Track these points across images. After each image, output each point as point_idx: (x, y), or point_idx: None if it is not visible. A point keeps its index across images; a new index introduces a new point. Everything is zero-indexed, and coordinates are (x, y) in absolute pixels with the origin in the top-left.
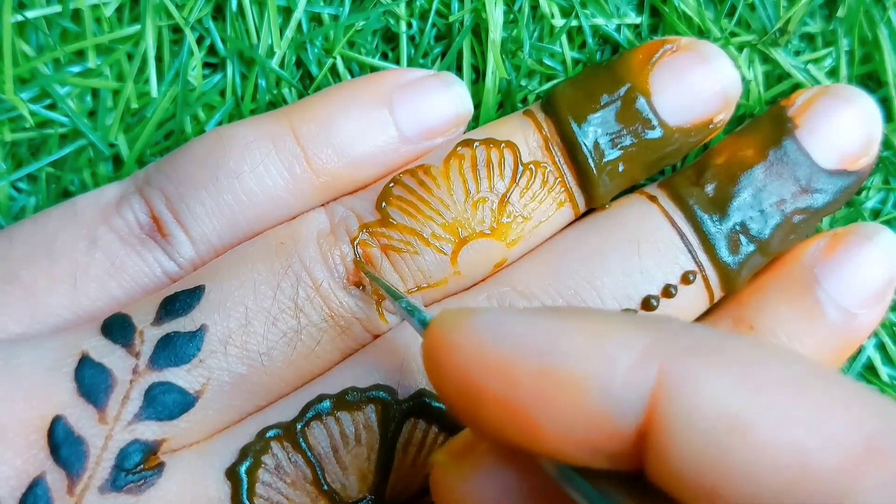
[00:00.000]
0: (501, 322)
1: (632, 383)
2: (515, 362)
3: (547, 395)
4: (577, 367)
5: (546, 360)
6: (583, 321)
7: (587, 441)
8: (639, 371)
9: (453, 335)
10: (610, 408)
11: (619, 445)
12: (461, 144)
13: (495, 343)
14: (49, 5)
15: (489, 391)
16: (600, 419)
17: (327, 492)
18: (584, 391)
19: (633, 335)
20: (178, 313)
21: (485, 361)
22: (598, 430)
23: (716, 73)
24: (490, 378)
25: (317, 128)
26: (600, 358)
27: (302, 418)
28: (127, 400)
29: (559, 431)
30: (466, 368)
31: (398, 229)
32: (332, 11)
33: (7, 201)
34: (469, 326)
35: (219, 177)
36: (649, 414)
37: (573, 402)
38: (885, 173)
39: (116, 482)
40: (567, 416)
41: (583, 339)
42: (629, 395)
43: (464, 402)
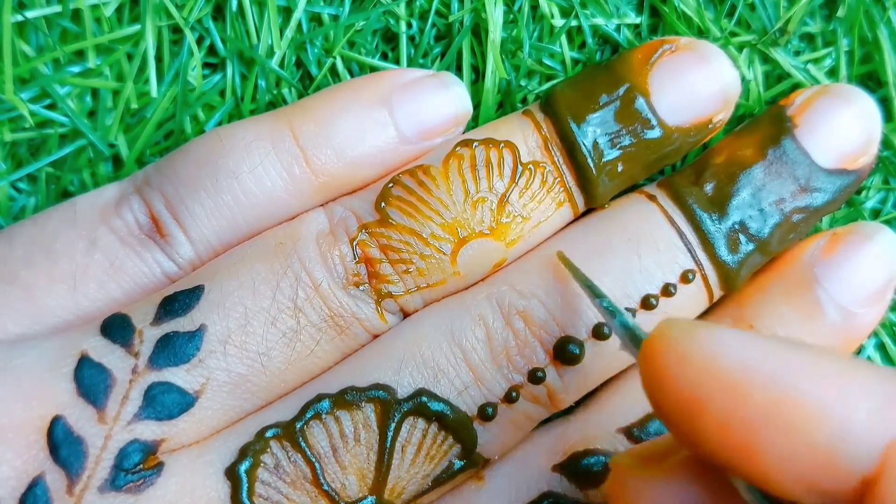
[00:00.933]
0: (736, 341)
1: (870, 430)
2: (748, 384)
3: (777, 424)
4: (814, 401)
5: (781, 388)
6: (822, 357)
7: (807, 477)
8: (879, 419)
9: (682, 345)
10: (842, 449)
11: (839, 487)
12: (460, 144)
13: (729, 361)
14: (49, 5)
15: (716, 408)
16: (828, 458)
17: (327, 491)
18: (819, 425)
19: (875, 380)
20: (178, 313)
21: (715, 378)
22: (823, 468)
23: (715, 73)
24: (718, 395)
25: (316, 128)
26: (842, 395)
27: (301, 418)
28: (126, 400)
29: (781, 462)
30: (693, 381)
31: (397, 229)
32: (331, 11)
33: (7, 201)
34: (701, 339)
35: (218, 177)
36: (882, 465)
37: (803, 436)
38: (885, 173)
39: (116, 482)
40: (793, 448)
41: (822, 374)
42: (865, 441)
43: (682, 415)
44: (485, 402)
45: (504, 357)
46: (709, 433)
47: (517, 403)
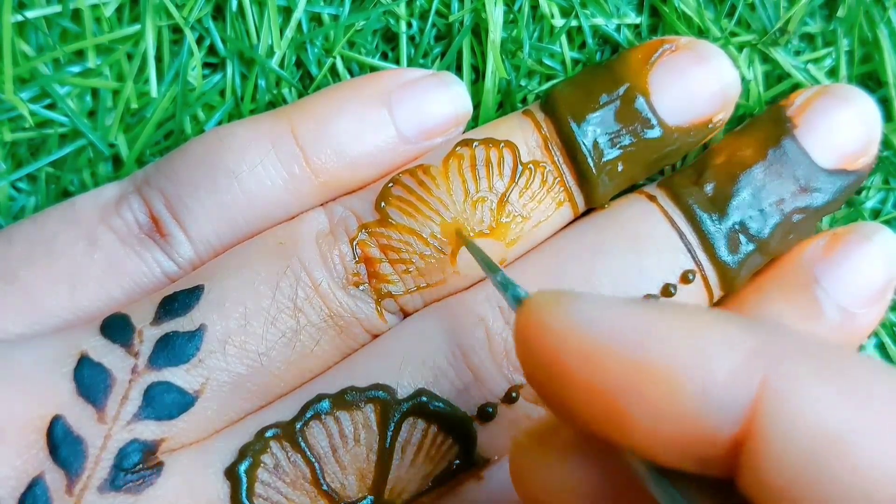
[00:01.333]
0: (598, 308)
1: (733, 387)
2: (610, 350)
3: (640, 388)
4: (675, 363)
5: (643, 352)
6: (683, 316)
7: (678, 441)
8: (741, 375)
9: (547, 315)
10: (707, 410)
11: (711, 449)
12: (460, 144)
13: (591, 328)
14: (49, 5)
15: (580, 377)
16: (695, 420)
17: (326, 491)
18: (681, 389)
19: (737, 336)
20: (177, 313)
21: (578, 346)
22: (691, 430)
23: (715, 73)
24: (582, 363)
25: (316, 128)
26: (701, 356)
27: (301, 418)
28: (126, 400)
29: (649, 427)
30: (558, 351)
31: (397, 229)
32: (332, 11)
33: (7, 201)
34: (564, 309)
35: (218, 177)
36: (748, 422)
37: (667, 399)
38: (885, 173)
39: (115, 482)
40: (659, 411)
41: (683, 334)
42: (729, 400)
43: (552, 386)
44: (485, 403)
45: (504, 357)
46: (576, 404)
47: (517, 404)
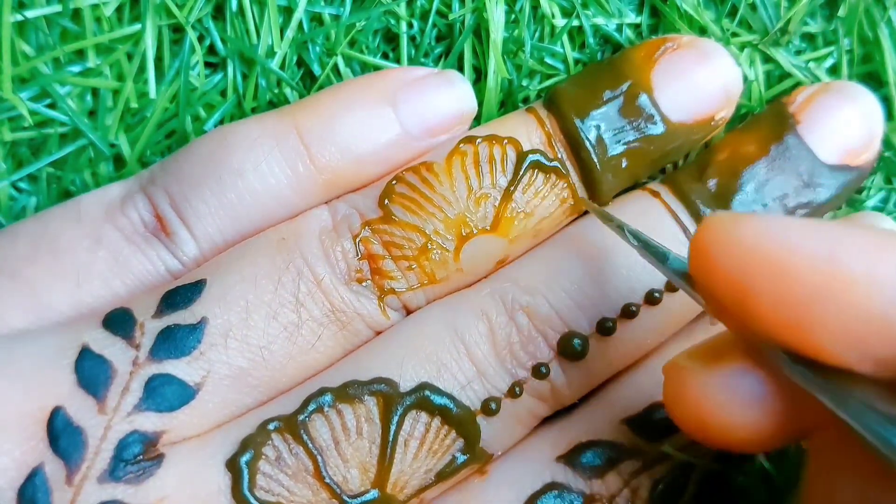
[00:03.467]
0: (782, 224)
1: None
2: (796, 264)
3: (827, 295)
4: (862, 273)
5: (830, 265)
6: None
7: (862, 347)
8: None
9: (732, 232)
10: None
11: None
12: (464, 141)
13: (777, 242)
14: (49, 5)
15: (769, 288)
16: (882, 326)
17: (329, 484)
18: (870, 297)
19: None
20: (179, 306)
21: (764, 259)
22: (877, 336)
23: (717, 70)
24: (768, 275)
25: (320, 125)
26: (886, 263)
27: (303, 410)
28: (126, 391)
29: (835, 335)
30: (742, 267)
31: (401, 226)
32: (332, 11)
33: (8, 201)
34: (745, 226)
35: (222, 175)
36: None
37: (856, 308)
38: (887, 172)
39: (115, 472)
40: (847, 321)
41: (868, 247)
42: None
43: (734, 299)
44: (488, 397)
45: (507, 352)
46: (761, 314)
47: (521, 399)
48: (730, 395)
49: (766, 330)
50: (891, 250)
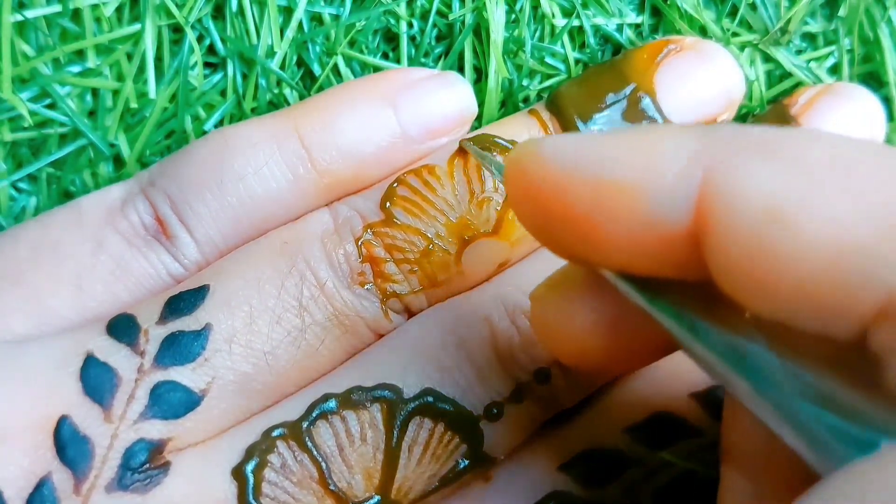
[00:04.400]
0: (564, 141)
1: (679, 185)
2: (575, 178)
3: (602, 206)
4: (627, 176)
5: (599, 173)
6: (637, 134)
7: (645, 247)
8: (686, 173)
9: (523, 161)
10: (659, 212)
11: (677, 250)
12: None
13: (558, 162)
14: (49, 5)
15: (555, 208)
16: (652, 224)
17: (333, 490)
18: (635, 198)
19: (682, 141)
20: (183, 312)
21: (552, 178)
22: (652, 235)
23: (719, 73)
24: (556, 196)
25: (321, 128)
26: (649, 166)
27: (307, 417)
28: (132, 399)
29: (618, 241)
30: (536, 189)
31: (402, 229)
32: (332, 11)
33: (7, 201)
34: (536, 151)
35: (223, 179)
36: (699, 213)
37: (625, 210)
38: None
39: (123, 481)
40: (622, 224)
41: (633, 150)
42: (676, 198)
43: (538, 224)
44: (491, 402)
45: (510, 356)
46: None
47: (523, 403)
48: (578, 319)
49: (570, 252)
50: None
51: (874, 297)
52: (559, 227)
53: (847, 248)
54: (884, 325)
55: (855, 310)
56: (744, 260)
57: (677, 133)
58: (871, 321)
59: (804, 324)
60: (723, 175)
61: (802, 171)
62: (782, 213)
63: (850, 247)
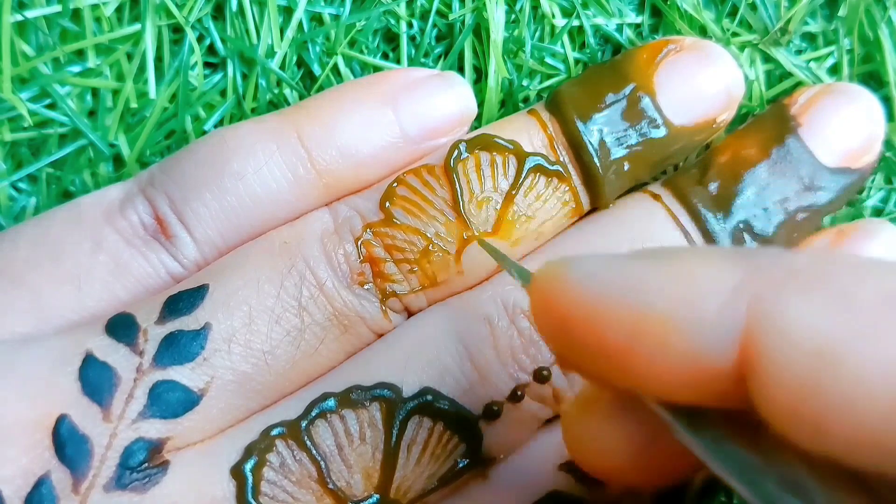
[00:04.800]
0: (594, 265)
1: (723, 319)
2: (607, 304)
3: (640, 338)
4: (665, 307)
5: (635, 302)
6: (675, 259)
7: (686, 380)
8: (730, 306)
9: (553, 282)
10: (702, 346)
11: (720, 383)
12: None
13: (588, 287)
14: (49, 5)
15: (587, 335)
16: (694, 357)
17: (332, 490)
18: (676, 332)
19: (724, 270)
20: (182, 312)
21: (582, 304)
22: (693, 368)
23: (719, 73)
24: (586, 322)
25: (321, 129)
26: (689, 296)
27: (306, 416)
28: (131, 398)
29: (656, 371)
30: (565, 314)
31: (402, 229)
32: (332, 11)
33: (7, 201)
34: (566, 273)
35: (222, 179)
36: (744, 349)
37: (666, 340)
38: (887, 172)
39: (121, 480)
40: (660, 355)
41: (671, 278)
42: (721, 332)
43: (568, 350)
44: (490, 402)
45: (509, 356)
46: (591, 360)
47: (523, 403)
48: (608, 441)
49: (604, 379)
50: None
51: None
52: (592, 354)
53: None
54: None
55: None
56: (794, 400)
57: (719, 260)
58: None
59: (858, 463)
60: (769, 310)
61: (853, 308)
62: (833, 353)
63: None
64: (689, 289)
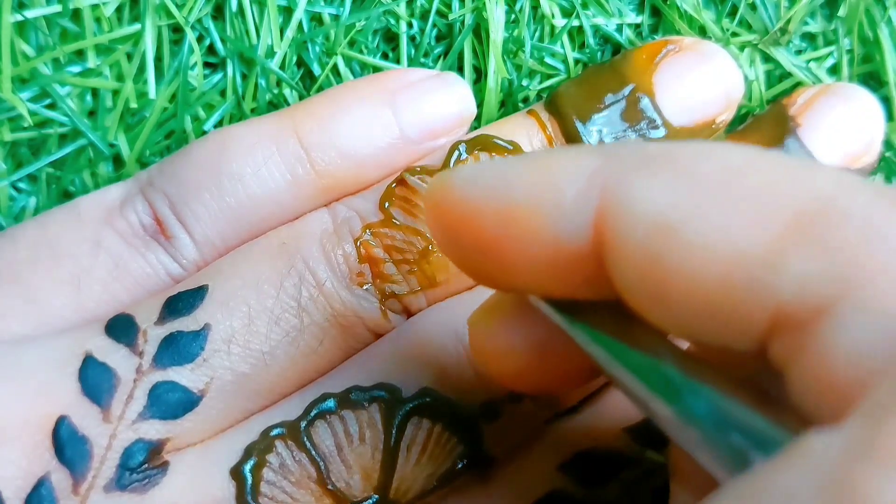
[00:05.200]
0: (472, 170)
1: (579, 203)
2: (481, 203)
3: (508, 229)
4: (529, 198)
5: (503, 195)
6: (539, 156)
7: (554, 268)
8: (586, 191)
9: (438, 192)
10: (561, 231)
11: (583, 269)
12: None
13: (466, 189)
14: (49, 5)
15: (468, 236)
16: (556, 244)
17: (332, 490)
18: (537, 219)
19: (582, 160)
20: (182, 313)
21: (461, 208)
22: (558, 255)
23: (719, 74)
24: (467, 223)
25: (320, 129)
26: (549, 188)
27: (306, 417)
28: (131, 399)
29: (527, 263)
30: (450, 219)
31: (401, 229)
32: (332, 11)
33: (7, 201)
34: (449, 181)
35: (221, 179)
36: (597, 229)
37: (529, 231)
38: (887, 172)
39: (121, 481)
40: (528, 246)
41: (535, 172)
42: (577, 215)
43: (457, 254)
44: (489, 402)
45: None
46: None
47: (522, 402)
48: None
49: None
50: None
51: (766, 309)
52: (474, 254)
53: (736, 258)
54: (777, 337)
55: (750, 322)
56: (638, 274)
57: (579, 153)
58: (767, 334)
59: (706, 338)
60: (616, 191)
61: (693, 183)
62: (672, 226)
63: (738, 257)
64: (549, 177)
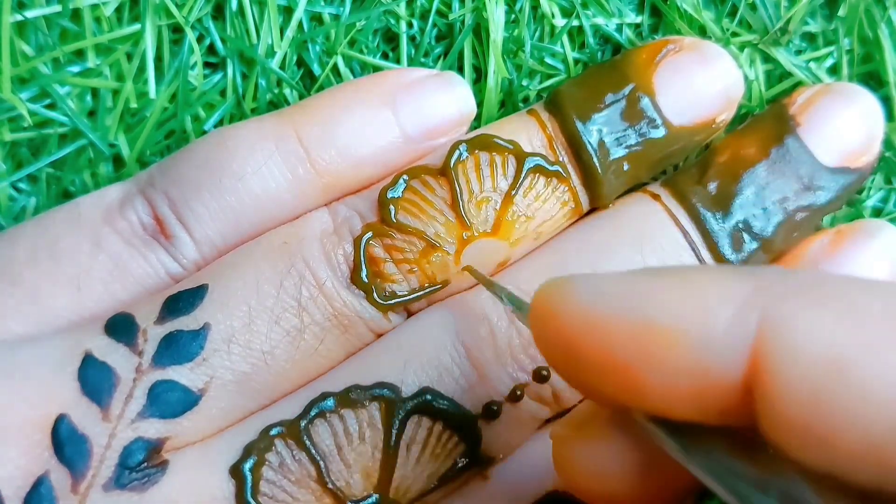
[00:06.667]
0: (598, 284)
1: (732, 334)
2: (613, 321)
3: (646, 351)
4: (674, 321)
5: (643, 317)
6: (681, 275)
7: (692, 395)
8: (739, 321)
9: (555, 303)
10: (711, 360)
11: (726, 399)
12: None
13: (593, 304)
14: (49, 5)
15: (594, 352)
16: (702, 372)
17: (332, 489)
18: (683, 344)
19: (732, 286)
20: (182, 312)
21: (586, 323)
22: (701, 383)
23: (718, 74)
24: (592, 339)
25: (320, 129)
26: (698, 310)
27: (306, 416)
28: (130, 398)
29: (663, 386)
30: (569, 333)
31: (401, 229)
32: (332, 11)
33: (7, 202)
34: (568, 292)
35: (222, 179)
36: (753, 363)
37: (672, 356)
38: (887, 172)
39: (120, 480)
40: (668, 370)
41: (679, 293)
42: (730, 346)
43: (572, 368)
44: (490, 401)
45: (509, 356)
46: (596, 378)
47: (522, 402)
48: (601, 464)
49: (607, 396)
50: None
51: None
52: (595, 372)
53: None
54: None
55: None
56: (803, 413)
57: (723, 274)
58: None
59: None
60: (780, 324)
61: (863, 322)
62: (844, 366)
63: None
64: (697, 302)
